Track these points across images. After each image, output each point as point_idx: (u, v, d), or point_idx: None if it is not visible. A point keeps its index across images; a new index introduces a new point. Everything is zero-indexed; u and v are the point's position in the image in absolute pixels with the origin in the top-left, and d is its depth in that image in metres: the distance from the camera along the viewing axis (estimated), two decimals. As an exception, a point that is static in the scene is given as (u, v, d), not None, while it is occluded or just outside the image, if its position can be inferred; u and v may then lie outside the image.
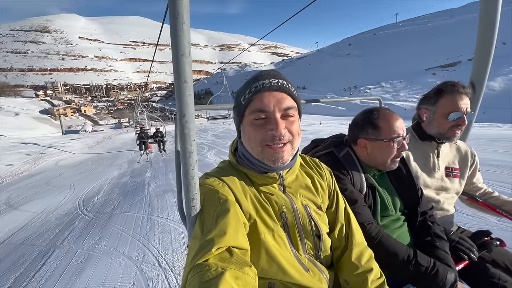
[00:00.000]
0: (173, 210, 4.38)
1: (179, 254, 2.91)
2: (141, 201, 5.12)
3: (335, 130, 16.12)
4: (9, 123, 49.00)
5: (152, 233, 3.54)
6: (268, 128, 0.63)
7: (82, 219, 4.55)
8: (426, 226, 0.95)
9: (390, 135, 0.92)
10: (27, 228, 4.52)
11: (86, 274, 2.75)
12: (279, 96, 0.64)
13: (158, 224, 3.85)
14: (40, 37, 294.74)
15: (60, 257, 3.21)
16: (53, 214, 5.11)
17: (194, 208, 0.60)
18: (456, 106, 1.05)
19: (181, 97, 0.47)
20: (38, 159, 14.37)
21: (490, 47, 1.12)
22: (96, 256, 3.10)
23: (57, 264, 3.04)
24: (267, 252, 0.62)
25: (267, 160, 0.66)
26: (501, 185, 3.95)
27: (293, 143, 0.67)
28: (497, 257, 1.01)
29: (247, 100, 0.66)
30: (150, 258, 2.90)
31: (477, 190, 1.28)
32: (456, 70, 52.64)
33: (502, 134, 9.88)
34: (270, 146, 0.64)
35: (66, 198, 6.25)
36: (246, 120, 0.67)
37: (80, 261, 3.03)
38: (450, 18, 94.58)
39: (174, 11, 0.40)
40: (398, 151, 0.93)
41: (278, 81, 0.65)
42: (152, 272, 2.63)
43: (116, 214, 4.54)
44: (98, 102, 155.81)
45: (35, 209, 5.62)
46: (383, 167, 0.98)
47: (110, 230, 3.86)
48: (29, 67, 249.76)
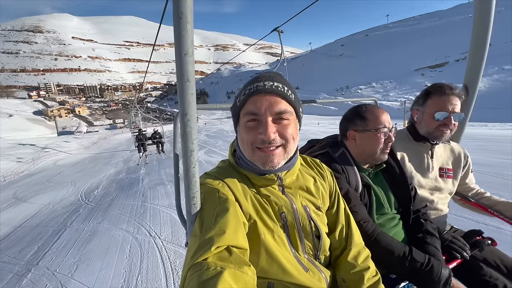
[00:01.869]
0: (163, 198, 5.23)
1: (166, 228, 3.76)
2: (136, 193, 5.95)
3: (332, 129, 17.10)
4: (3, 124, 48.89)
5: (145, 215, 4.38)
6: (258, 131, 0.64)
7: (85, 208, 5.36)
8: (419, 224, 0.98)
9: (377, 125, 0.96)
10: (38, 216, 5.32)
11: (94, 242, 3.59)
12: (271, 100, 0.65)
13: (150, 208, 4.69)
14: (32, 37, 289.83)
15: (71, 233, 4.03)
16: (59, 205, 5.91)
17: (194, 206, 0.61)
18: (442, 106, 1.09)
19: (184, 96, 0.48)
20: (36, 159, 14.98)
21: (483, 50, 1.14)
22: (101, 231, 3.94)
23: (69, 237, 3.87)
24: (267, 252, 0.63)
25: (257, 162, 0.67)
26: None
27: (286, 147, 0.67)
28: (488, 256, 1.04)
29: (241, 102, 0.67)
30: (143, 231, 3.74)
31: (469, 190, 1.31)
32: (444, 70, 54.32)
33: (486, 134, 10.40)
34: (261, 149, 0.65)
35: (69, 192, 7.04)
36: (240, 122, 0.69)
37: (88, 235, 3.87)
38: (439, 20, 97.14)
39: (178, 11, 0.40)
40: (385, 142, 0.97)
41: (273, 83, 0.65)
42: (144, 239, 3.48)
43: (115, 203, 5.37)
44: (92, 103, 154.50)
45: (42, 201, 6.41)
46: (372, 159, 1.00)
47: (110, 214, 4.69)
48: (21, 68, 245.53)
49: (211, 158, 9.46)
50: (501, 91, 38.03)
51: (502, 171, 4.63)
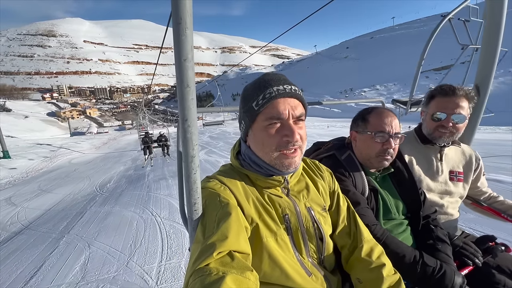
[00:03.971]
0: (164, 189, 6.23)
1: (165, 210, 4.74)
2: (142, 185, 6.99)
3: (343, 132, 17.87)
4: (20, 125, 51.68)
5: (149, 201, 5.39)
6: (283, 134, 0.64)
7: (101, 196, 6.44)
8: (429, 230, 0.95)
9: (375, 129, 0.94)
10: (62, 202, 6.43)
11: (109, 219, 4.61)
12: (293, 104, 0.66)
13: (153, 197, 5.71)
14: (46, 41, 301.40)
15: (91, 214, 5.08)
16: (78, 195, 7.03)
17: (196, 212, 0.61)
18: (441, 107, 1.07)
19: (184, 101, 0.47)
20: (53, 158, 16.38)
21: (495, 50, 1.10)
22: (114, 212, 4.97)
23: (90, 216, 4.91)
24: (269, 256, 0.63)
25: (280, 165, 0.67)
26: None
27: (302, 148, 0.69)
28: (502, 263, 0.99)
29: (260, 105, 0.66)
30: (147, 212, 4.75)
31: (481, 194, 1.27)
32: (449, 73, 53.97)
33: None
34: (284, 152, 0.66)
35: (86, 185, 8.18)
36: (258, 126, 0.68)
37: (104, 215, 4.90)
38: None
39: (177, 16, 0.40)
40: (383, 147, 0.93)
41: (292, 87, 0.67)
42: (147, 217, 4.48)
43: (125, 193, 6.42)
44: (102, 105, 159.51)
45: (63, 192, 7.55)
46: (369, 163, 0.99)
47: (121, 200, 5.73)
48: (36, 70, 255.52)
49: (210, 158, 10.45)
50: (507, 93, 37.75)
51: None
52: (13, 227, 4.91)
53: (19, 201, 6.93)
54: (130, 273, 2.82)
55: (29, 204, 6.58)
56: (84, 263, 3.12)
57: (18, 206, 6.47)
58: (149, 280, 2.66)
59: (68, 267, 3.09)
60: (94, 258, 3.24)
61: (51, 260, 3.31)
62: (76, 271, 2.97)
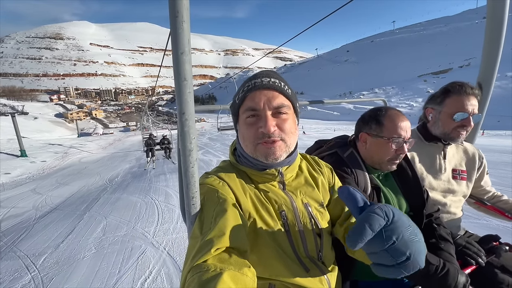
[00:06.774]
0: (163, 181, 7.56)
1: (162, 196, 6.05)
2: (145, 179, 8.34)
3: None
4: (30, 126, 53.91)
5: (150, 190, 6.72)
6: (258, 125, 0.65)
7: (110, 188, 7.80)
8: (432, 229, 0.94)
9: (391, 134, 0.91)
10: (79, 192, 7.83)
11: (119, 202, 5.95)
12: (269, 95, 0.66)
13: (153, 187, 7.05)
14: (54, 43, 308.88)
15: (104, 199, 6.43)
16: (92, 186, 8.42)
17: (194, 206, 0.61)
18: (462, 107, 1.05)
19: (181, 95, 0.47)
20: (64, 157, 17.92)
21: (498, 47, 1.10)
22: (122, 198, 6.31)
23: (104, 201, 6.26)
24: (267, 252, 0.63)
25: (260, 156, 0.68)
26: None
27: (286, 141, 0.68)
28: (506, 263, 0.98)
29: (240, 99, 0.68)
30: (148, 197, 6.07)
31: (485, 193, 1.27)
32: (446, 77, 54.63)
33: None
34: (261, 143, 0.66)
35: (97, 179, 9.58)
36: (240, 119, 0.70)
37: (115, 200, 6.24)
38: (445, 26, 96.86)
39: (174, 10, 0.40)
40: (397, 152, 0.92)
41: (270, 79, 0.67)
42: (148, 200, 5.79)
43: (130, 185, 7.77)
44: (108, 106, 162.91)
45: (79, 185, 8.96)
46: (379, 166, 0.97)
47: (128, 190, 7.08)
48: (43, 72, 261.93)
49: (205, 157, 11.77)
50: (503, 98, 38.36)
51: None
52: (44, 208, 6.30)
53: (43, 191, 8.37)
54: (135, 232, 4.14)
55: (52, 193, 8.00)
56: (103, 227, 4.45)
57: (43, 194, 7.89)
58: (148, 236, 3.97)
59: (92, 229, 4.43)
60: (110, 224, 4.57)
61: (80, 226, 4.65)
62: (98, 231, 4.30)
